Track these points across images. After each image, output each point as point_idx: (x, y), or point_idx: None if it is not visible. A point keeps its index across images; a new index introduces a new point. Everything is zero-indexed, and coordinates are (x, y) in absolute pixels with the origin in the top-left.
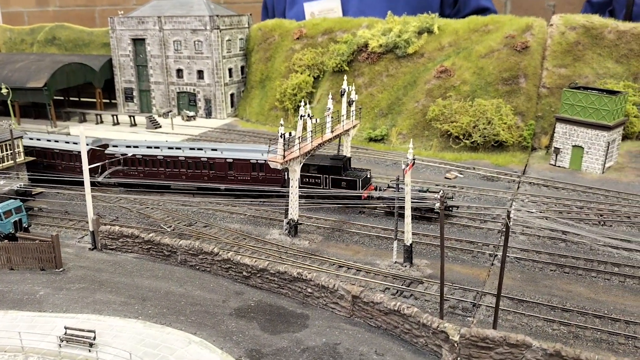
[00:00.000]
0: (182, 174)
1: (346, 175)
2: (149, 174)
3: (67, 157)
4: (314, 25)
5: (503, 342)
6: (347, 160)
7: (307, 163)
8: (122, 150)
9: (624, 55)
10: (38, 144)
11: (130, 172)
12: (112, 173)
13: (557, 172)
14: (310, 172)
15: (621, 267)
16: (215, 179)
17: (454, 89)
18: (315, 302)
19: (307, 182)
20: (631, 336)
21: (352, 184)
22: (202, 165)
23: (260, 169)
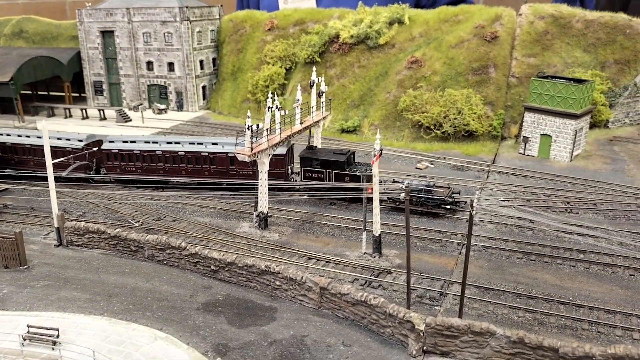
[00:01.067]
0: (181, 169)
1: (350, 170)
2: (147, 170)
3: (39, 152)
4: (286, 16)
5: (468, 330)
6: (351, 154)
7: (310, 157)
8: (118, 146)
9: (591, 44)
10: (8, 139)
11: (127, 168)
12: (108, 169)
13: (526, 160)
14: (313, 167)
15: (586, 254)
16: (217, 174)
17: (425, 80)
18: (284, 294)
19: (310, 177)
20: (594, 322)
21: (356, 179)
22: (203, 160)
23: None
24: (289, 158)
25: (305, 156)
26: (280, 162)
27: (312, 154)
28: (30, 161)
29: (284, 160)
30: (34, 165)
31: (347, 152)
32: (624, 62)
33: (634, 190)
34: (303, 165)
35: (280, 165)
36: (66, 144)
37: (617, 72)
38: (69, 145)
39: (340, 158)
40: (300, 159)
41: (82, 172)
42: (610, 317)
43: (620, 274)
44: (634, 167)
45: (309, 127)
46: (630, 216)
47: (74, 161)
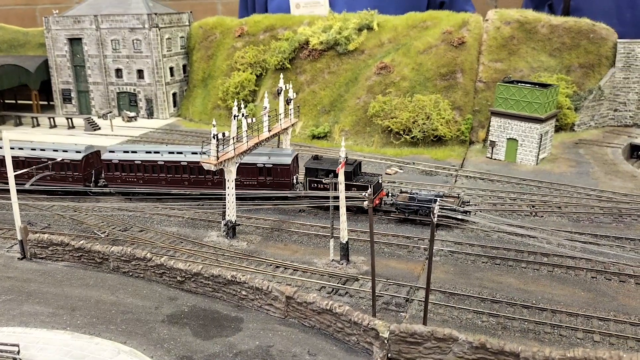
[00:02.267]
0: (184, 179)
1: (357, 180)
2: (148, 181)
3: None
4: (256, 22)
5: (431, 336)
6: (358, 164)
7: (315, 167)
8: (119, 156)
9: (556, 48)
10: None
11: (128, 179)
12: (108, 179)
13: (493, 164)
14: (319, 177)
15: (550, 257)
16: (220, 184)
17: (394, 85)
18: (250, 304)
19: (316, 188)
20: (557, 325)
21: (363, 190)
22: (206, 170)
23: (267, 173)
24: (294, 168)
25: (310, 166)
26: (285, 171)
27: (317, 164)
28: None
29: (289, 170)
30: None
31: (354, 162)
32: (589, 66)
33: (597, 193)
34: (308, 176)
35: (286, 175)
36: (64, 156)
37: (582, 76)
38: (67, 157)
39: (346, 168)
40: (306, 170)
41: (82, 184)
42: (572, 319)
43: (583, 277)
44: (598, 169)
45: (277, 134)
46: (594, 218)
47: (36, 172)
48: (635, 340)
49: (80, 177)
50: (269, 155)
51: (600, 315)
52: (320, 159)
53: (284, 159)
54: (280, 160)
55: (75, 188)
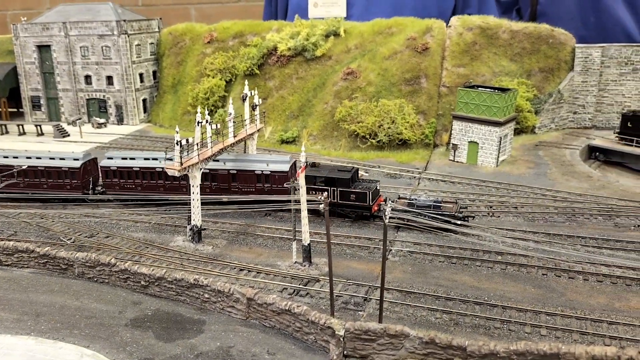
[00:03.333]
0: (182, 186)
1: (355, 187)
2: (147, 187)
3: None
4: (225, 29)
5: (384, 333)
6: (355, 171)
7: (313, 175)
8: (117, 163)
9: (517, 53)
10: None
11: (127, 186)
12: (107, 187)
13: (455, 167)
14: (317, 185)
15: (504, 255)
16: (218, 191)
17: (360, 90)
18: (213, 307)
19: (314, 195)
20: (506, 320)
21: (361, 196)
22: (204, 177)
23: (265, 179)
24: (292, 175)
25: (307, 174)
26: (283, 178)
27: (315, 171)
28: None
29: (287, 177)
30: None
31: (352, 169)
32: (548, 70)
33: (553, 193)
34: (306, 183)
35: (284, 182)
36: (62, 164)
37: (541, 80)
38: (64, 165)
39: (345, 175)
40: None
41: (80, 192)
42: (521, 315)
43: (534, 274)
44: (555, 170)
45: (243, 139)
46: (548, 218)
47: (1, 179)
48: (580, 334)
49: (78, 185)
50: (268, 162)
51: (549, 310)
52: (318, 166)
53: (282, 166)
54: (279, 167)
55: (73, 196)
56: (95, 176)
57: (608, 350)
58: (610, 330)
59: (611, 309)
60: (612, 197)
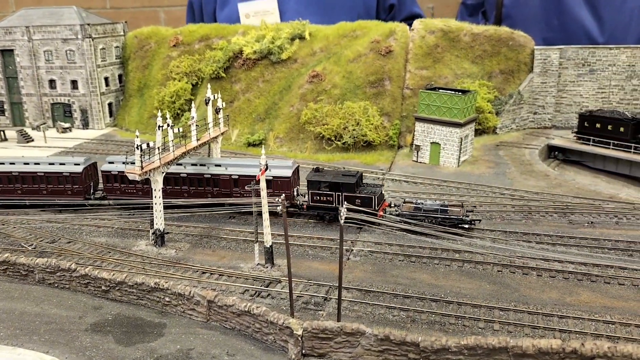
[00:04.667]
0: (183, 191)
1: (360, 191)
2: (147, 192)
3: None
4: (191, 32)
5: (340, 331)
6: (360, 175)
7: (317, 180)
8: (119, 167)
9: (478, 56)
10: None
11: (127, 191)
12: (108, 191)
13: (418, 167)
14: (322, 190)
15: (461, 253)
16: (220, 196)
17: (326, 93)
18: (174, 310)
19: (318, 200)
20: (461, 316)
21: (367, 201)
22: (206, 182)
23: (268, 185)
24: (295, 180)
25: (312, 179)
26: (285, 184)
27: (319, 176)
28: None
29: (290, 182)
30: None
31: (357, 173)
32: (509, 72)
33: (511, 192)
34: (311, 188)
35: (286, 187)
36: (62, 169)
37: (502, 82)
38: (65, 171)
39: (350, 180)
40: (308, 182)
41: (82, 197)
42: (475, 311)
43: (490, 271)
44: (515, 169)
45: (206, 143)
46: (505, 216)
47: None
48: (531, 328)
49: (80, 190)
50: (270, 167)
51: (502, 306)
52: (322, 171)
53: (284, 171)
54: (281, 172)
55: (75, 201)
56: (95, 181)
57: (553, 343)
58: (560, 324)
59: (562, 303)
60: (568, 194)
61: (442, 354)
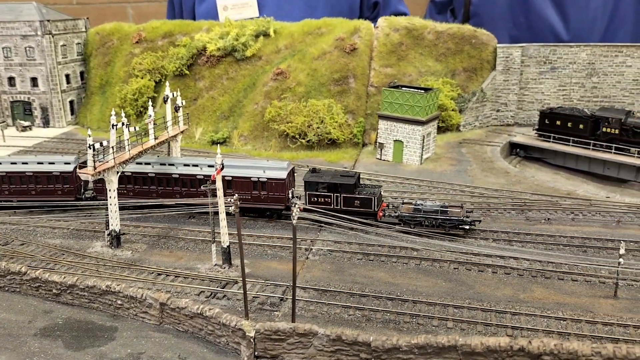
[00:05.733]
0: (175, 192)
1: (358, 192)
2: (139, 193)
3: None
4: (154, 28)
5: (293, 332)
6: (358, 176)
7: (316, 181)
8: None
9: (442, 53)
10: None
11: (119, 191)
12: (99, 192)
13: (382, 165)
14: (320, 191)
15: (419, 251)
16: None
17: (290, 91)
18: (126, 313)
19: (316, 202)
20: (415, 314)
21: (366, 202)
22: (198, 183)
23: (262, 187)
24: (290, 182)
25: (310, 180)
26: (280, 186)
27: (317, 177)
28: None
29: (284, 184)
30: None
31: (355, 174)
32: (472, 70)
33: (471, 189)
34: (308, 190)
35: (281, 189)
36: (52, 169)
37: (466, 79)
38: (56, 170)
39: (349, 181)
40: (305, 183)
41: (73, 196)
42: (430, 308)
43: (446, 268)
44: (476, 167)
45: (165, 141)
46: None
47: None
48: (484, 325)
49: (72, 190)
50: (264, 169)
51: (457, 303)
52: (319, 171)
53: (279, 173)
54: (276, 174)
55: (66, 201)
56: (85, 180)
57: (501, 341)
58: (512, 321)
59: (516, 300)
60: (526, 191)
61: (393, 353)
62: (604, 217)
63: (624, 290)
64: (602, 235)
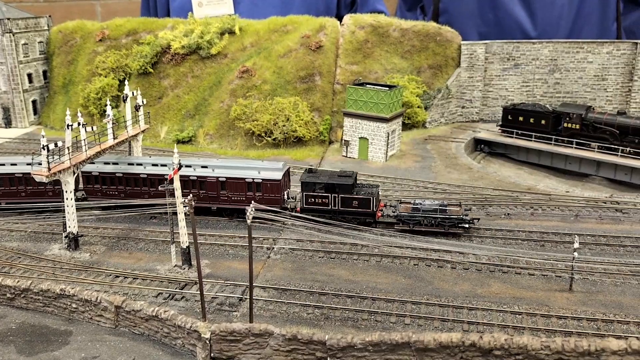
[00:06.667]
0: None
1: (357, 193)
2: (130, 194)
3: None
4: (118, 26)
5: (248, 333)
6: (356, 176)
7: (312, 181)
8: (99, 168)
9: (407, 51)
10: None
11: (109, 192)
12: (88, 192)
13: (348, 162)
14: (317, 192)
15: (380, 248)
16: (206, 199)
17: (256, 88)
18: (81, 316)
19: (313, 203)
20: (373, 312)
21: (365, 202)
22: (191, 184)
23: (256, 188)
24: (285, 183)
25: (307, 180)
26: (275, 187)
27: (314, 177)
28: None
29: (280, 185)
30: None
31: (352, 173)
32: (437, 67)
33: (434, 185)
34: (305, 191)
35: (276, 190)
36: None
37: (431, 77)
38: None
39: (347, 181)
40: (302, 184)
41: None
42: (388, 305)
43: (406, 265)
44: (440, 163)
45: (125, 141)
46: None
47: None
48: (441, 321)
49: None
50: (259, 169)
51: (415, 299)
52: (315, 171)
53: (274, 173)
54: (271, 175)
55: (56, 204)
56: (77, 181)
57: (453, 337)
58: (469, 316)
59: (473, 295)
60: (488, 187)
61: (348, 352)
62: (563, 211)
63: (579, 284)
64: (560, 229)
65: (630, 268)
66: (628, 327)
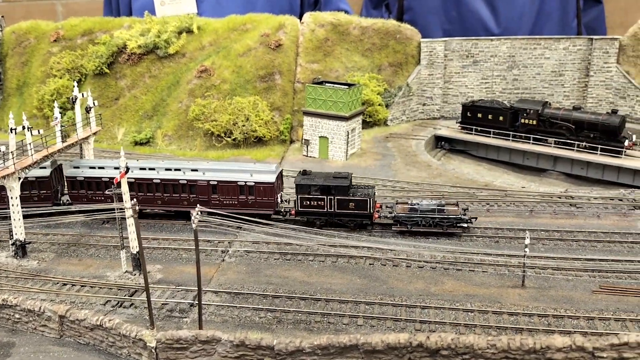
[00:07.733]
0: (157, 198)
1: (353, 194)
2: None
3: None
4: (73, 26)
5: (195, 340)
6: (351, 177)
7: (307, 183)
8: (85, 173)
9: (368, 49)
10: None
11: (95, 198)
12: (73, 198)
13: (308, 162)
14: (312, 194)
15: (336, 248)
16: (197, 203)
17: (215, 88)
18: (25, 327)
19: (308, 205)
20: (326, 313)
21: (362, 204)
22: (181, 188)
23: (249, 191)
24: (278, 186)
25: (301, 183)
26: (268, 190)
27: (309, 179)
28: None
29: (273, 188)
30: None
31: (348, 175)
32: (397, 65)
33: (393, 183)
34: (300, 193)
35: (269, 194)
36: (28, 174)
37: (391, 74)
38: (31, 175)
39: (343, 182)
40: (296, 186)
41: (51, 203)
42: (342, 306)
43: (362, 265)
44: (400, 161)
45: (76, 144)
46: (385, 208)
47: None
48: (394, 321)
49: (49, 195)
50: (252, 172)
51: (369, 300)
52: (310, 173)
53: (267, 176)
54: (263, 178)
55: (44, 208)
56: (62, 184)
57: (401, 338)
58: (422, 315)
59: (427, 293)
60: (446, 184)
61: (297, 356)
62: (518, 207)
63: (532, 280)
64: (514, 225)
65: (582, 263)
66: (578, 322)
